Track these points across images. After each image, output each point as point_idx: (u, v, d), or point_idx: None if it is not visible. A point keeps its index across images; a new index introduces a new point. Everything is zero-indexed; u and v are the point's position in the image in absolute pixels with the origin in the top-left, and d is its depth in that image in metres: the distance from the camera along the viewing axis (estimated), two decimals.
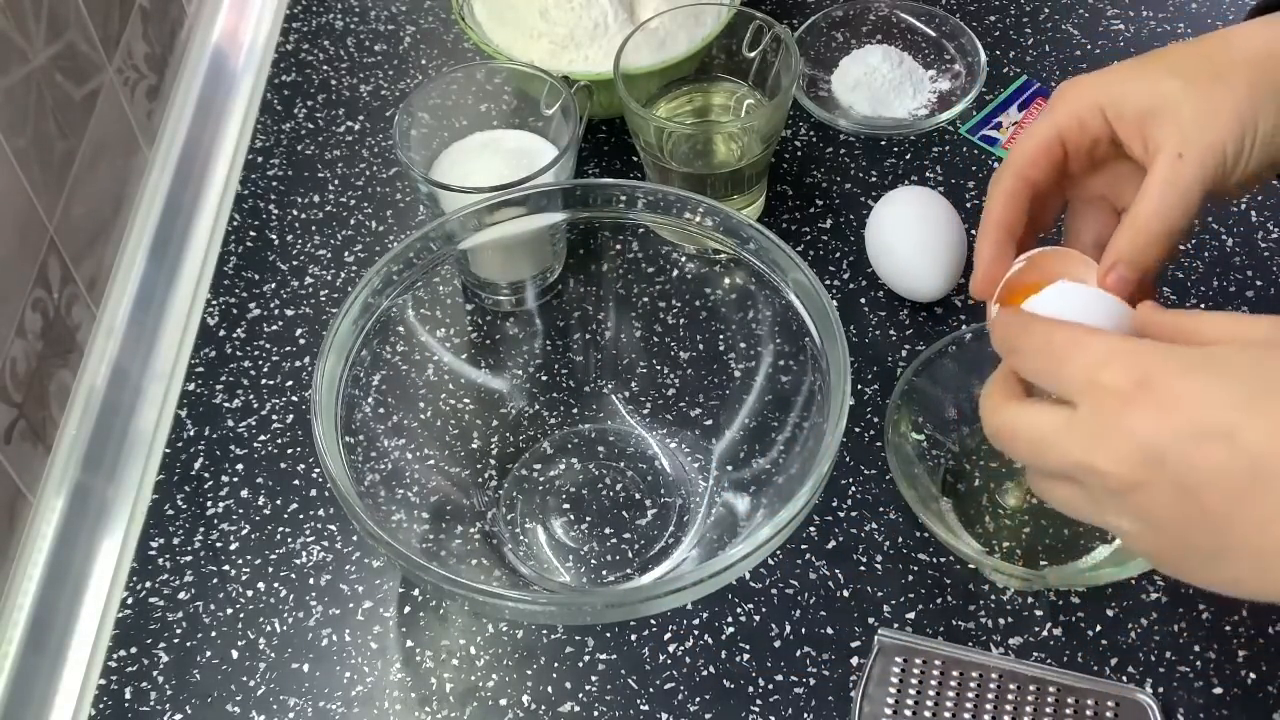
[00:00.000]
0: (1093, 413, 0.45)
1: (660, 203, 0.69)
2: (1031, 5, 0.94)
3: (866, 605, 0.68)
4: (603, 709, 0.66)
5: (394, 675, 0.67)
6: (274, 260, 0.83)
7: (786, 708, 0.65)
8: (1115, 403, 0.45)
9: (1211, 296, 0.79)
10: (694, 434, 0.73)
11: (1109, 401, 0.45)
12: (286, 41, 0.95)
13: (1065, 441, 0.46)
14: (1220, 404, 0.43)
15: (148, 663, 0.68)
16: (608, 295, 0.75)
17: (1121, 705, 0.64)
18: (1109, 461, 0.45)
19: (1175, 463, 0.43)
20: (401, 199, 0.86)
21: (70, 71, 0.77)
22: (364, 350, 0.66)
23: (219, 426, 0.76)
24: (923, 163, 0.86)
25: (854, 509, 0.71)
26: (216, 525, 0.72)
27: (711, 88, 0.83)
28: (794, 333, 0.66)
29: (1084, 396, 0.46)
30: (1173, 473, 0.43)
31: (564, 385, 0.75)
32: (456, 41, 0.95)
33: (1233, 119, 0.52)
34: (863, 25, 0.93)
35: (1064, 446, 0.46)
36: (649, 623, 0.68)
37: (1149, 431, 0.44)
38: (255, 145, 0.89)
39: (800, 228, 0.83)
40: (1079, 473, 0.46)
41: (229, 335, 0.80)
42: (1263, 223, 0.82)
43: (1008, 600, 0.68)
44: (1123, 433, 0.44)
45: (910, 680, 0.65)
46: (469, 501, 0.71)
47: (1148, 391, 0.44)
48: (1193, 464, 0.43)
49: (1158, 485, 0.44)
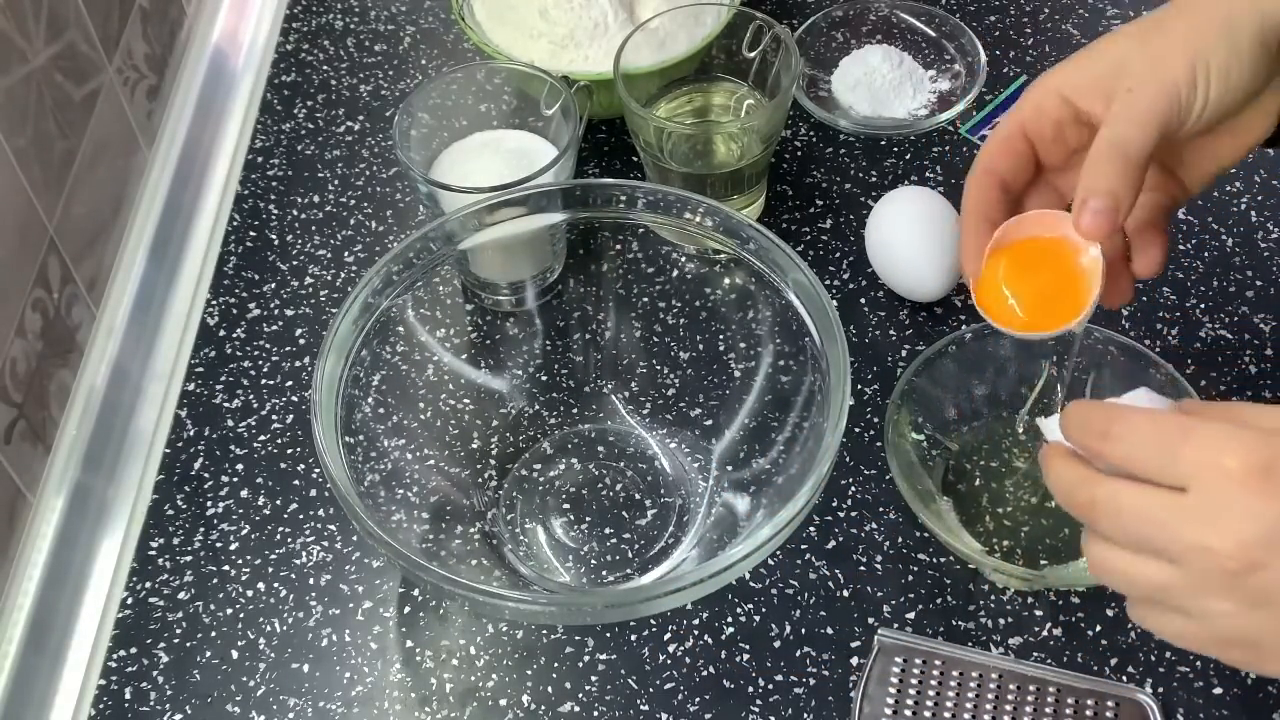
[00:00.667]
0: (1211, 495, 0.45)
1: (660, 203, 0.69)
2: (1031, 5, 0.94)
3: (866, 605, 0.68)
4: (603, 709, 0.66)
5: (394, 675, 0.67)
6: (274, 260, 0.83)
7: (786, 708, 0.65)
8: (1239, 486, 0.45)
9: (1211, 296, 0.79)
10: (694, 434, 0.73)
11: (1228, 485, 0.45)
12: (286, 41, 0.95)
13: (1181, 521, 0.46)
14: None
15: (148, 663, 0.68)
16: (608, 295, 0.75)
17: (1121, 705, 0.64)
18: (1230, 541, 0.45)
19: None
20: (401, 199, 0.86)
21: (70, 71, 0.77)
22: (364, 350, 0.66)
23: (219, 426, 0.76)
24: (923, 163, 0.86)
25: (854, 509, 0.71)
26: (216, 525, 0.72)
27: (711, 88, 0.83)
28: (794, 333, 0.66)
29: (1200, 480, 0.46)
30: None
31: (564, 385, 0.75)
32: (456, 41, 0.95)
33: (1179, 58, 0.54)
34: (863, 25, 0.93)
35: (1176, 526, 0.46)
36: (649, 623, 0.68)
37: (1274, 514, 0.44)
38: (255, 145, 0.89)
39: (800, 228, 0.83)
40: (1188, 553, 0.46)
41: (229, 335, 0.80)
42: (1263, 223, 0.82)
43: (1008, 600, 0.68)
44: (1245, 514, 0.45)
45: (910, 680, 0.65)
46: (469, 501, 0.71)
47: (1269, 477, 0.44)
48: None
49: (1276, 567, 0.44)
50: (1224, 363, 0.76)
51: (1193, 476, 0.46)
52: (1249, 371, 0.75)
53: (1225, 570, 0.45)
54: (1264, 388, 0.75)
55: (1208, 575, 0.46)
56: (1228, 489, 0.45)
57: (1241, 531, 0.45)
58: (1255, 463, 0.45)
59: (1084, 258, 0.56)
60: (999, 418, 0.73)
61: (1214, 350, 0.76)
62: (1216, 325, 0.77)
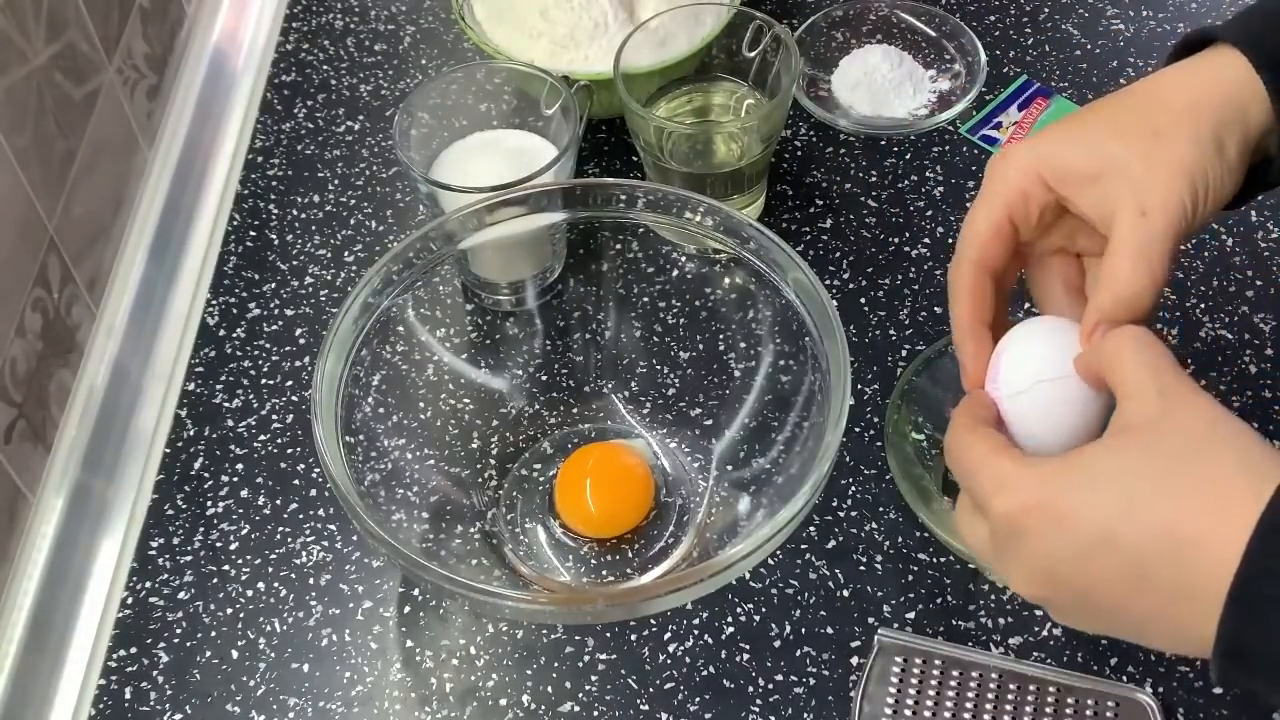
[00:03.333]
0: (995, 533, 0.50)
1: (660, 202, 0.69)
2: (1031, 5, 0.94)
3: (866, 605, 0.68)
4: (603, 709, 0.66)
5: (394, 675, 0.67)
6: (274, 260, 0.83)
7: (786, 708, 0.65)
8: (1008, 526, 0.49)
9: (1211, 296, 0.79)
10: (694, 434, 0.73)
11: (1001, 526, 0.49)
12: (286, 41, 0.95)
13: (987, 552, 0.51)
14: (1099, 516, 0.46)
15: (148, 663, 0.68)
16: (608, 295, 0.75)
17: (1121, 705, 0.64)
18: (1017, 582, 0.50)
19: (1068, 576, 0.47)
20: (401, 199, 0.86)
21: (70, 71, 0.77)
22: (364, 350, 0.66)
23: (219, 426, 0.76)
24: (923, 163, 0.86)
25: (854, 509, 0.71)
26: (216, 525, 0.72)
27: (711, 88, 0.83)
28: (794, 332, 0.66)
29: (986, 515, 0.50)
30: (1068, 585, 0.48)
31: (564, 385, 0.75)
32: (456, 41, 0.95)
33: (1181, 172, 0.52)
34: (863, 25, 0.93)
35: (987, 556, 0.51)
36: (649, 623, 0.68)
37: (1041, 553, 0.48)
38: (255, 145, 0.89)
39: (800, 228, 0.83)
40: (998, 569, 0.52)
41: (229, 335, 0.80)
42: (1263, 222, 0.82)
43: (1008, 600, 0.68)
44: (1020, 556, 0.49)
45: (910, 680, 0.65)
46: (469, 501, 0.71)
47: (1032, 514, 0.48)
48: (1084, 574, 0.47)
49: (1060, 595, 0.49)
50: (1224, 363, 0.76)
51: (983, 510, 0.51)
52: (1249, 371, 0.75)
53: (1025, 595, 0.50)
54: (1264, 387, 0.75)
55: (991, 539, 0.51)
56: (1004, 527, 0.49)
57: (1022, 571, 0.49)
58: (1020, 503, 0.48)
59: None
60: None
61: (1214, 350, 0.76)
62: (1216, 325, 0.77)
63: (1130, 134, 0.54)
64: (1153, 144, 0.53)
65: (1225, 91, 0.54)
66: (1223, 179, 0.53)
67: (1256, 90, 0.53)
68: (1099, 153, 0.54)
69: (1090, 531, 0.46)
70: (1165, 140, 0.53)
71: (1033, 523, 0.47)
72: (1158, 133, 0.53)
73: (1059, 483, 0.47)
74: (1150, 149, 0.53)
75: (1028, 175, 0.55)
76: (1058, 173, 0.55)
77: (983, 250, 0.56)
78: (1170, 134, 0.53)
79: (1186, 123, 0.53)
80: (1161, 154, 0.53)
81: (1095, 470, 0.47)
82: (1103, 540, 0.46)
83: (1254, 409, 0.74)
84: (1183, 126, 0.53)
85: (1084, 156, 0.54)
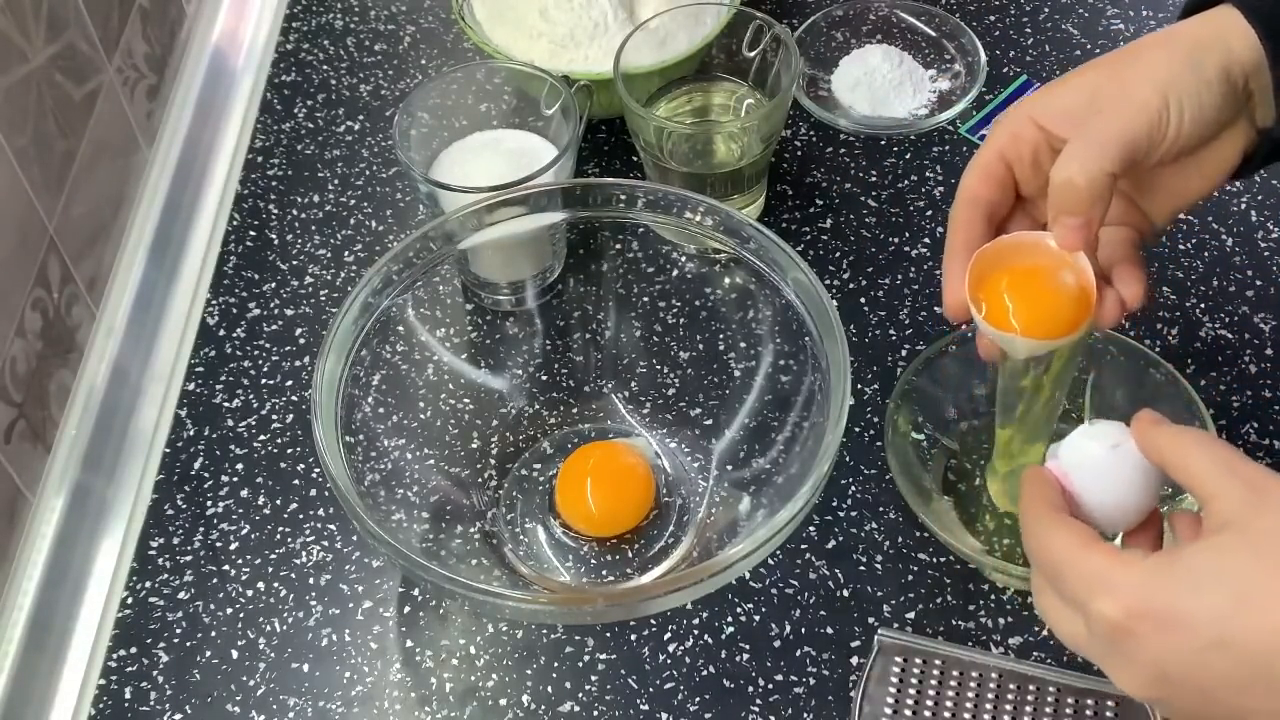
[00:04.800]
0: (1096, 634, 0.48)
1: (660, 202, 0.69)
2: (1031, 5, 0.94)
3: (866, 605, 0.68)
4: (603, 709, 0.66)
5: (394, 675, 0.67)
6: (274, 260, 0.83)
7: (786, 708, 0.65)
8: (1110, 630, 0.47)
9: (1211, 296, 0.79)
10: (694, 434, 0.73)
11: (1104, 628, 0.47)
12: (286, 41, 0.95)
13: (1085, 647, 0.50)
14: (1211, 618, 0.45)
15: (148, 663, 0.68)
16: (608, 295, 0.75)
17: (1121, 705, 0.64)
18: (1125, 683, 0.48)
19: (1183, 679, 0.46)
20: (401, 199, 0.86)
21: (70, 71, 0.77)
22: (364, 350, 0.66)
23: (219, 426, 0.76)
24: (923, 163, 0.86)
25: (854, 509, 0.71)
26: (216, 525, 0.72)
27: (711, 88, 0.83)
28: (794, 332, 0.66)
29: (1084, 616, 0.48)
30: (1183, 686, 0.46)
31: (564, 385, 0.75)
32: (456, 41, 0.95)
33: (1149, 80, 0.55)
34: (863, 25, 0.93)
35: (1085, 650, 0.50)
36: (649, 623, 0.68)
37: (1151, 657, 0.46)
38: (255, 145, 0.89)
39: (800, 228, 0.83)
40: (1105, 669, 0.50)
41: (229, 335, 0.80)
42: (1263, 222, 0.82)
43: (1008, 600, 0.68)
44: (1130, 659, 0.47)
45: (910, 680, 0.65)
46: (469, 501, 0.71)
47: (1140, 620, 0.46)
48: (1200, 677, 0.46)
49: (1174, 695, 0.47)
50: (1224, 363, 0.76)
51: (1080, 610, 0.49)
52: (1249, 371, 0.75)
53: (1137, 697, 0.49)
54: (1264, 387, 0.75)
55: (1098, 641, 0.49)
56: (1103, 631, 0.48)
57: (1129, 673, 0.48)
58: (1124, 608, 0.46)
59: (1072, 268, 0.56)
60: None
61: (1214, 350, 0.76)
62: (1216, 325, 0.77)
63: (1109, 65, 0.57)
64: (1125, 66, 0.56)
65: (1208, 24, 0.56)
66: (1199, 92, 0.55)
67: (1243, 30, 0.55)
68: (1081, 86, 0.57)
69: (1204, 635, 0.45)
70: (1138, 60, 0.56)
71: (1141, 628, 0.46)
72: (1133, 54, 0.57)
73: (1163, 585, 0.46)
74: (1121, 69, 0.56)
75: (1018, 120, 0.58)
76: (1045, 109, 0.58)
77: (974, 187, 0.59)
78: (1145, 56, 0.56)
79: (1162, 47, 0.56)
80: (1129, 72, 0.56)
81: (1199, 571, 0.46)
82: (1217, 643, 0.45)
83: (1254, 409, 0.74)
84: (1157, 50, 0.56)
85: (1070, 92, 0.58)
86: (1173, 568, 0.46)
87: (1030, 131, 0.58)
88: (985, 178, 0.59)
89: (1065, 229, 0.55)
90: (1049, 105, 0.58)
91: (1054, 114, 0.57)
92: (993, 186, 0.59)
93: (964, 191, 0.59)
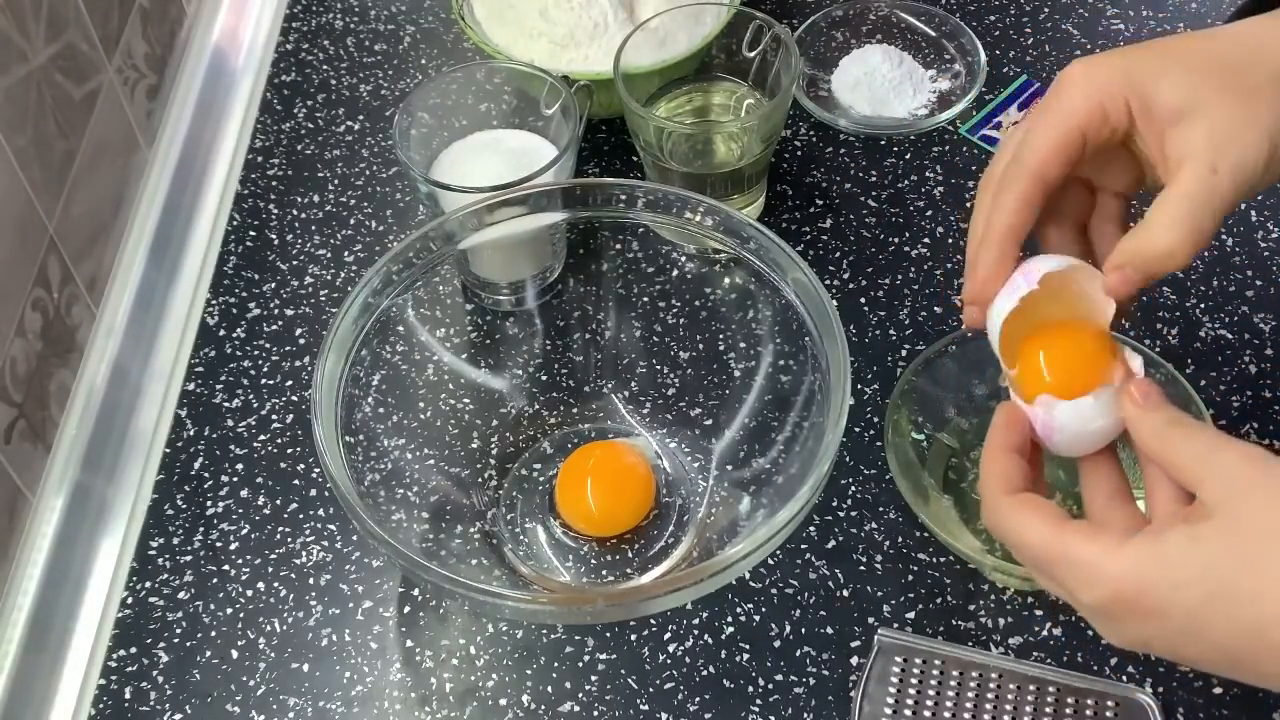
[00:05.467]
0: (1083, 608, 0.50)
1: (660, 202, 0.69)
2: (1031, 5, 0.94)
3: (866, 605, 0.68)
4: (602, 709, 0.66)
5: (394, 675, 0.67)
6: (274, 260, 0.83)
7: (786, 708, 0.65)
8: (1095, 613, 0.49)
9: (1211, 296, 0.79)
10: (694, 434, 0.73)
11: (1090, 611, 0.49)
12: (286, 41, 0.95)
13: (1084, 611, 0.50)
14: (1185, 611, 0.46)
15: (148, 663, 0.68)
16: (608, 295, 0.75)
17: (1121, 705, 0.64)
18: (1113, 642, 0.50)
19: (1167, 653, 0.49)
20: (401, 199, 0.86)
21: (70, 71, 0.77)
22: (364, 350, 0.66)
23: (219, 426, 0.76)
24: (923, 163, 0.86)
25: (854, 509, 0.71)
26: (216, 525, 0.72)
27: (711, 88, 0.83)
28: (794, 332, 0.66)
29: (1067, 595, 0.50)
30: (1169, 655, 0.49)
31: (564, 385, 0.75)
32: (456, 41, 0.95)
33: (1264, 137, 0.50)
34: (863, 25, 0.93)
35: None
36: (649, 623, 0.68)
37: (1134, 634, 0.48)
38: (255, 145, 0.89)
39: (800, 228, 0.83)
40: None
41: (229, 335, 0.80)
42: (1263, 222, 0.82)
43: (1008, 600, 0.68)
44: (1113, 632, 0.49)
45: (910, 680, 0.65)
46: (469, 501, 0.71)
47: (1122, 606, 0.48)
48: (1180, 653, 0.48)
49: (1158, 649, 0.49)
50: (1224, 363, 0.76)
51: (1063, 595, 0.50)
52: (1249, 371, 0.75)
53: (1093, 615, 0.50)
54: (1264, 388, 0.75)
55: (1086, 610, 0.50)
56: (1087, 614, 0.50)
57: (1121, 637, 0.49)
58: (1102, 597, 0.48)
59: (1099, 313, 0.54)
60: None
61: (1214, 350, 0.76)
62: (1216, 325, 0.77)
63: (1226, 84, 0.51)
64: (1246, 102, 0.50)
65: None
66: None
67: None
68: (1192, 94, 0.51)
69: (1180, 627, 0.46)
70: (1257, 100, 0.50)
71: (1123, 613, 0.48)
72: (1254, 91, 0.51)
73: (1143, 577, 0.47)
74: (1242, 107, 0.50)
75: (1113, 96, 0.52)
76: (1145, 100, 0.51)
77: (1046, 161, 0.52)
78: (1264, 95, 0.51)
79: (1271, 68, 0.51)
80: (1251, 114, 0.50)
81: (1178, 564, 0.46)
82: (1193, 633, 0.46)
83: (1254, 409, 0.74)
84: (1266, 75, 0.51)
85: (1176, 93, 0.51)
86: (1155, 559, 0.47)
87: (1121, 114, 0.52)
88: (1061, 154, 0.52)
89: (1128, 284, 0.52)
90: (1153, 98, 0.51)
91: (1150, 110, 0.51)
92: (1065, 165, 0.52)
93: (1032, 167, 0.52)
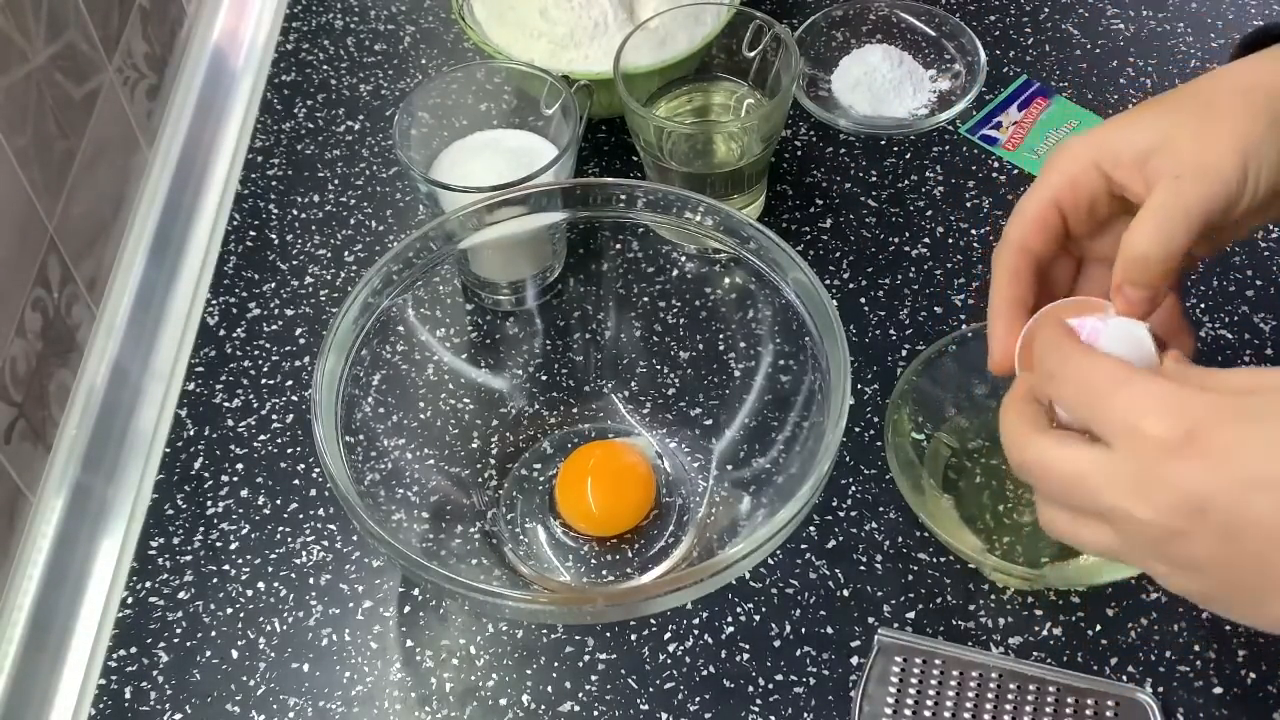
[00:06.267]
0: (1133, 459, 0.45)
1: (660, 202, 0.69)
2: (1031, 5, 0.94)
3: (866, 605, 0.68)
4: (602, 709, 0.66)
5: (394, 675, 0.67)
6: (274, 260, 0.83)
7: (786, 707, 0.65)
8: (1157, 452, 0.45)
9: (1211, 296, 0.79)
10: (694, 434, 0.73)
11: (1150, 450, 0.45)
12: (286, 41, 0.95)
13: (1102, 485, 0.46)
14: (1265, 455, 0.43)
15: (148, 663, 0.68)
16: (608, 295, 0.75)
17: (1121, 705, 0.64)
18: (1150, 510, 0.45)
19: (1220, 512, 0.43)
20: (401, 199, 0.86)
21: (70, 71, 0.77)
22: (364, 350, 0.66)
23: (219, 426, 0.76)
24: (923, 162, 0.86)
25: (854, 509, 0.71)
26: (216, 525, 0.72)
27: (711, 87, 0.83)
28: (794, 332, 0.66)
29: (1123, 441, 0.46)
30: (1216, 521, 0.44)
31: (564, 385, 0.75)
32: (456, 41, 0.95)
33: (1230, 143, 0.51)
34: (863, 25, 0.93)
35: (1101, 490, 0.46)
36: (649, 623, 0.68)
37: (1194, 483, 0.44)
38: (255, 145, 0.89)
39: (800, 228, 0.83)
40: (1114, 516, 0.46)
41: (229, 335, 0.80)
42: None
43: (1008, 600, 0.68)
44: (1166, 483, 0.44)
45: (910, 680, 0.65)
46: (469, 501, 0.71)
47: (1192, 443, 0.44)
48: (1239, 513, 0.43)
49: (1199, 534, 0.44)
50: (1224, 363, 0.76)
51: (1116, 435, 0.46)
52: None
53: (1149, 538, 0.45)
54: None
55: (1136, 540, 0.46)
56: (1150, 453, 0.45)
57: (1162, 499, 0.45)
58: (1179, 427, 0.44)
59: None
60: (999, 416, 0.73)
61: (1214, 350, 0.76)
62: (1216, 325, 0.77)
63: (1185, 110, 0.53)
64: (1204, 117, 0.52)
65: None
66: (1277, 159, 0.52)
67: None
68: (1152, 131, 0.53)
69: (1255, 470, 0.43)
70: (1218, 113, 0.52)
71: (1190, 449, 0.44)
72: (1210, 105, 0.53)
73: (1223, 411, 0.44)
74: (1201, 122, 0.52)
75: (1080, 161, 0.55)
76: (1112, 156, 0.54)
77: (1025, 234, 0.55)
78: (1224, 108, 0.52)
79: (1242, 99, 0.52)
80: (1212, 126, 0.52)
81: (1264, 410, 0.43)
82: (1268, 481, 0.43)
83: None
84: (1237, 102, 0.52)
85: (1138, 136, 0.53)
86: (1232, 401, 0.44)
87: (1091, 177, 0.54)
88: (1039, 227, 0.55)
89: (1132, 302, 0.53)
90: (1115, 150, 0.54)
91: (1120, 160, 0.54)
92: (1046, 236, 0.56)
93: (1014, 240, 0.56)
